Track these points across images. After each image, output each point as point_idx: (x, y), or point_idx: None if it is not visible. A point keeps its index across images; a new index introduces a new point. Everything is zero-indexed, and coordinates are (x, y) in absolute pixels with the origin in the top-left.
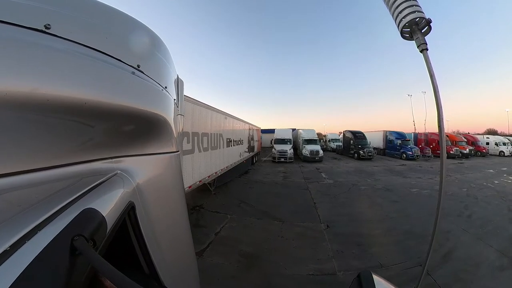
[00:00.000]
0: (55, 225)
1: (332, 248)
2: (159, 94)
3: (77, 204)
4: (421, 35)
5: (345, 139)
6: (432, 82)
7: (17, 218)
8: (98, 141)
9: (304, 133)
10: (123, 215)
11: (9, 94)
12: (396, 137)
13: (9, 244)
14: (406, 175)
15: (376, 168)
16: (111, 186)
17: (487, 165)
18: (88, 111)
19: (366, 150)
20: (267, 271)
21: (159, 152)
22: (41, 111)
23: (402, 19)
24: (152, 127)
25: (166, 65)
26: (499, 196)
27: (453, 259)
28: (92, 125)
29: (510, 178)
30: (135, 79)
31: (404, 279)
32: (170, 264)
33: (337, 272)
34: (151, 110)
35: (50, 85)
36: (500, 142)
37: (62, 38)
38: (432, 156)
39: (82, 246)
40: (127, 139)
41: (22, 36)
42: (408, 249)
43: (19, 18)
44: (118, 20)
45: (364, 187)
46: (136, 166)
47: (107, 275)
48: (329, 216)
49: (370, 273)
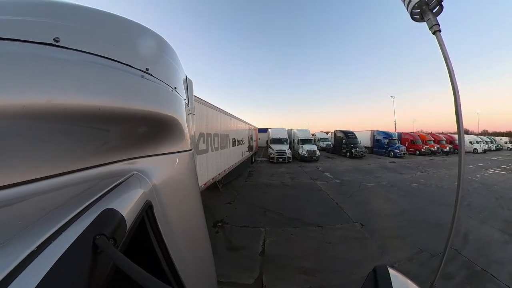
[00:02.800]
0: (77, 226)
1: (377, 245)
2: (169, 95)
3: (97, 205)
4: (433, 15)
5: (336, 138)
6: (447, 65)
7: (42, 220)
8: (114, 144)
9: (299, 133)
10: (141, 214)
11: (27, 106)
12: (384, 136)
13: (36, 245)
14: (401, 171)
15: (371, 166)
16: (129, 186)
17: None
18: (102, 116)
19: (358, 149)
20: (338, 281)
21: (172, 151)
22: (58, 119)
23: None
24: (164, 127)
25: (174, 66)
26: (485, 187)
27: (471, 239)
28: (107, 129)
29: (488, 172)
30: (145, 82)
31: (448, 259)
32: (188, 263)
33: (394, 264)
34: (162, 111)
35: (64, 95)
36: (473, 141)
37: (71, 49)
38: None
39: (103, 245)
40: (142, 141)
41: (34, 51)
42: (434, 236)
43: (29, 34)
44: (123, 27)
45: (370, 185)
46: (152, 166)
47: (128, 271)
48: (358, 215)
49: (386, 267)
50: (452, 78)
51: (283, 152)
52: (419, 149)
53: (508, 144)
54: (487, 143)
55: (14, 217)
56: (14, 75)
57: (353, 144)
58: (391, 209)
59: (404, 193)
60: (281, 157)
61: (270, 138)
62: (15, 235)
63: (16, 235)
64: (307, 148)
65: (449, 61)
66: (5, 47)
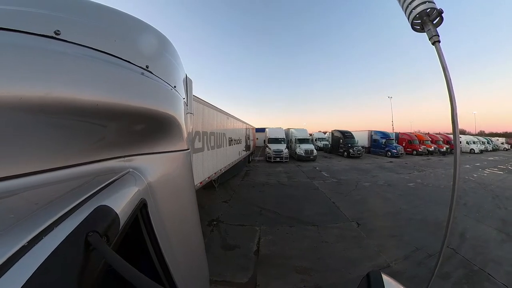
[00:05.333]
0: (70, 222)
1: (374, 243)
2: (168, 94)
3: (91, 202)
4: (433, 26)
5: (333, 138)
6: (445, 75)
7: (34, 215)
8: (110, 140)
9: (296, 132)
10: (135, 212)
11: (24, 98)
12: (381, 136)
13: (27, 240)
14: (398, 171)
15: (368, 166)
16: (124, 184)
17: (462, 162)
18: (100, 112)
19: (356, 149)
20: (335, 280)
21: (169, 150)
22: (55, 113)
23: (413, 10)
24: (162, 126)
25: (174, 64)
26: (481, 187)
27: (467, 238)
28: (104, 125)
29: (485, 172)
30: (144, 80)
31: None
32: (181, 263)
33: (390, 264)
34: (160, 109)
35: (62, 88)
36: (470, 141)
37: (71, 43)
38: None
39: (96, 242)
40: (138, 138)
41: (34, 43)
42: (431, 234)
43: (30, 26)
44: (125, 22)
45: (368, 184)
46: (148, 164)
47: (120, 269)
48: (354, 214)
49: (380, 273)
50: (449, 88)
51: (280, 152)
52: (416, 149)
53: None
54: (483, 144)
55: (5, 211)
56: (12, 66)
57: (350, 144)
58: (388, 208)
59: (401, 192)
60: (278, 156)
61: (267, 137)
62: (5, 229)
63: (6, 229)
64: (304, 148)
65: (447, 71)
66: (5, 37)
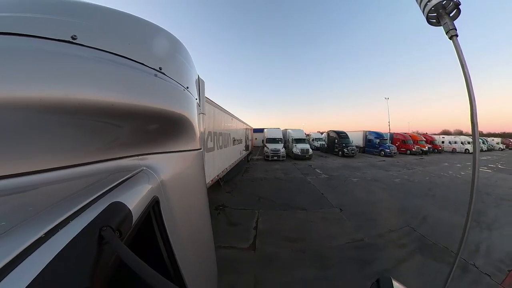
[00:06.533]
0: (85, 216)
1: (352, 224)
2: (181, 94)
3: (105, 198)
4: (449, 19)
5: (329, 138)
6: (464, 71)
7: (52, 209)
8: (125, 139)
9: (293, 133)
10: (148, 208)
11: (44, 99)
12: (375, 136)
13: (44, 232)
14: (388, 169)
15: (360, 164)
16: (137, 181)
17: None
18: (115, 113)
19: (350, 148)
20: (319, 247)
21: (182, 149)
22: (73, 113)
23: (428, 3)
24: (175, 126)
25: (186, 66)
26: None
27: (438, 226)
28: (120, 125)
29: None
30: (158, 81)
31: (409, 239)
32: (190, 259)
33: (364, 238)
34: (174, 109)
35: (80, 90)
36: (465, 142)
37: (87, 47)
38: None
39: (109, 236)
40: (152, 138)
41: (52, 48)
42: (405, 220)
43: (49, 32)
44: (138, 26)
45: (356, 179)
46: (161, 163)
47: (130, 264)
48: (339, 202)
49: (390, 279)
50: (468, 86)
51: (277, 151)
52: (410, 148)
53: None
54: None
55: (25, 204)
56: (32, 69)
57: (345, 144)
58: (370, 198)
59: (385, 186)
60: (275, 155)
61: (265, 137)
62: (25, 220)
63: (26, 220)
64: (301, 147)
65: (466, 67)
66: (26, 43)
